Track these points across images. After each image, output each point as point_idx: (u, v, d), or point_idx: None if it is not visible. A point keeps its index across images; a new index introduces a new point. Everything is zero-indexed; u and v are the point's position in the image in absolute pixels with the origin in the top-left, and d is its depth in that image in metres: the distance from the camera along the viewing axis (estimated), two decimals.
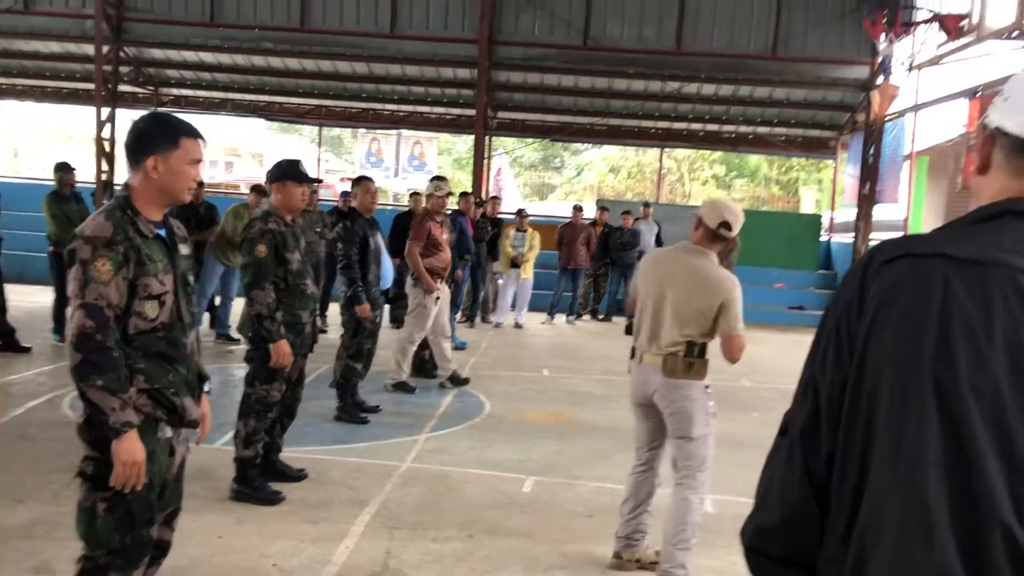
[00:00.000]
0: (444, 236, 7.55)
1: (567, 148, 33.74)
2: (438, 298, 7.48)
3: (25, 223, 13.27)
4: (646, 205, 14.13)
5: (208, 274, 9.39)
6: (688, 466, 3.73)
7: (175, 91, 17.27)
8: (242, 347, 8.81)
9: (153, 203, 2.64)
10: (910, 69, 12.04)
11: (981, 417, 1.02)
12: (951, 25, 10.66)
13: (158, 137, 2.62)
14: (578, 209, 13.53)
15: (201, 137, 2.70)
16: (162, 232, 2.67)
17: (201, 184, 9.95)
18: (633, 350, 3.88)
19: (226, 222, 9.30)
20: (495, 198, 13.70)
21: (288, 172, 4.76)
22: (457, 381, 7.75)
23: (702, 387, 3.71)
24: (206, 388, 2.81)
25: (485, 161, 15.50)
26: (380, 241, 6.55)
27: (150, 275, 2.57)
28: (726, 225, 3.67)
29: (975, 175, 1.29)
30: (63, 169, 8.93)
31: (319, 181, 6.15)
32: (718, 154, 27.98)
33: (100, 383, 2.45)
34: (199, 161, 2.69)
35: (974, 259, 1.09)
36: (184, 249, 2.75)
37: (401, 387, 7.49)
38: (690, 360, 3.67)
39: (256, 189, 9.81)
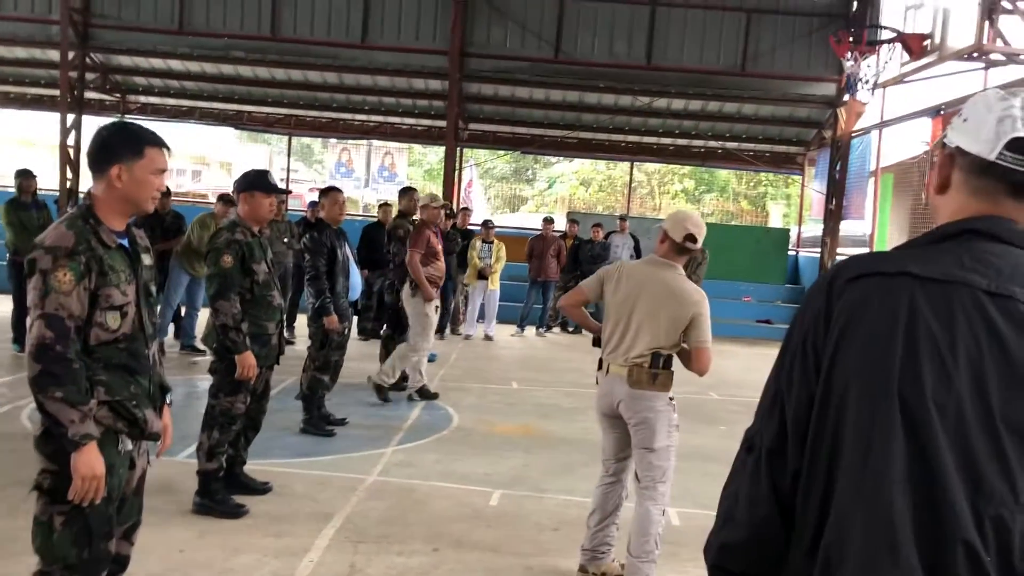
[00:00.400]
0: (440, 246, 7.60)
1: (538, 161, 33.84)
2: (437, 307, 7.54)
3: None
4: (622, 219, 14.18)
5: (174, 284, 9.28)
6: (649, 477, 3.74)
7: (142, 99, 17.07)
8: (207, 358, 8.74)
9: (116, 212, 2.61)
10: (875, 87, 12.22)
11: (945, 434, 1.03)
12: (914, 45, 10.84)
13: (122, 146, 2.59)
14: (548, 221, 13.56)
15: (166, 147, 2.68)
16: (124, 242, 2.64)
17: (168, 193, 9.85)
18: (600, 361, 3.89)
19: (192, 232, 9.17)
20: (465, 209, 13.70)
21: (256, 182, 4.73)
22: (426, 395, 7.72)
23: (666, 399, 3.73)
24: (168, 400, 2.77)
25: (456, 172, 15.49)
26: (348, 252, 6.51)
27: (112, 285, 2.53)
28: (691, 238, 3.71)
29: (935, 194, 1.31)
30: (23, 175, 8.76)
31: (287, 192, 6.11)
32: (688, 168, 28.19)
33: (59, 395, 2.41)
34: (164, 171, 2.66)
35: (938, 278, 1.11)
36: (147, 259, 2.72)
37: (380, 392, 7.50)
38: (655, 371, 3.68)
39: (223, 199, 9.61)
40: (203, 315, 9.78)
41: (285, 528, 4.38)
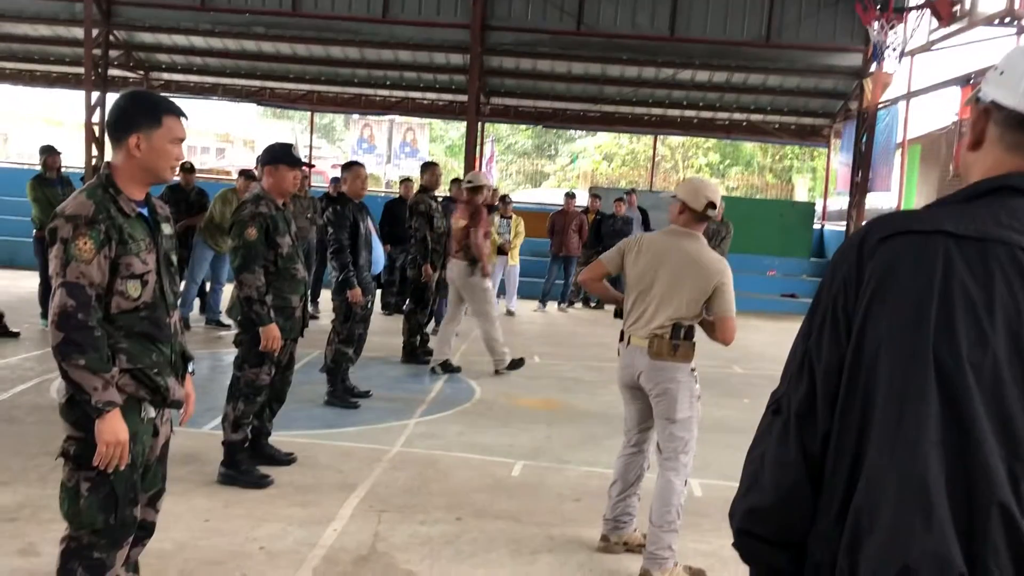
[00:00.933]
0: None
1: (560, 136, 33.70)
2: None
3: (14, 208, 13.21)
4: (629, 192, 14.05)
5: (198, 260, 9.36)
6: (671, 448, 3.72)
7: (165, 75, 17.16)
8: (232, 332, 8.82)
9: (135, 182, 2.62)
10: (902, 56, 12.01)
11: (981, 396, 1.00)
12: (943, 11, 10.64)
13: (140, 115, 2.59)
14: (570, 196, 13.49)
15: (184, 115, 2.68)
16: (144, 211, 2.65)
17: (192, 169, 9.93)
18: (622, 333, 3.88)
19: (214, 207, 9.24)
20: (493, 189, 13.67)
21: (281, 156, 4.74)
22: (449, 368, 7.74)
23: (688, 370, 3.70)
24: (190, 369, 2.79)
25: (477, 148, 15.45)
26: (371, 226, 6.52)
27: (132, 254, 2.54)
28: (712, 205, 3.68)
29: (967, 151, 1.26)
30: (48, 152, 8.85)
31: (311, 166, 6.12)
32: (712, 141, 27.98)
33: (82, 362, 2.43)
34: (182, 139, 2.67)
35: (974, 236, 1.07)
36: (167, 228, 2.73)
37: (514, 365, 7.92)
38: (676, 342, 3.66)
39: (244, 174, 9.72)
40: (228, 290, 9.91)
41: (310, 498, 4.42)
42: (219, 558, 3.65)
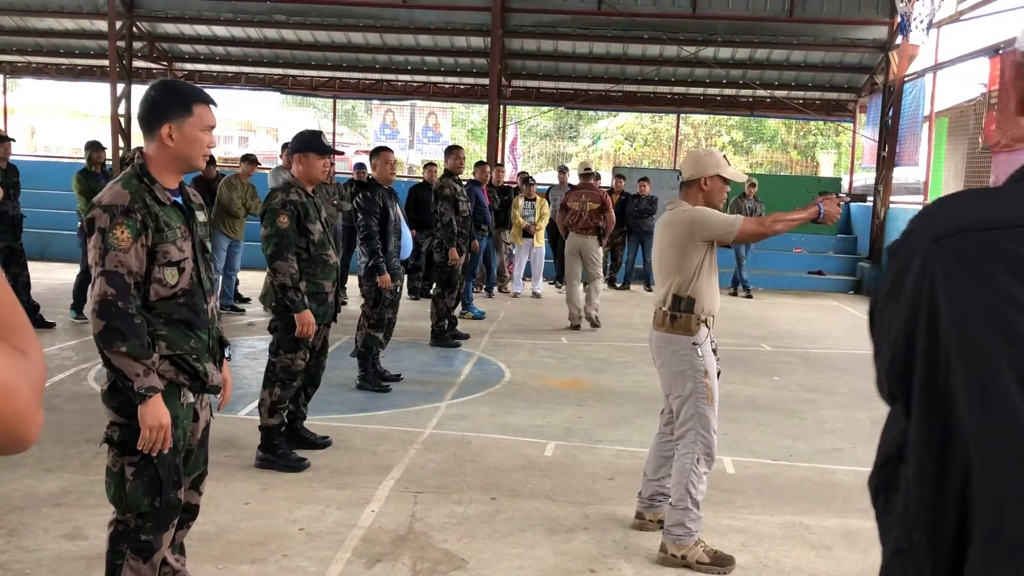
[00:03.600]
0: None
1: (582, 117, 33.49)
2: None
3: (45, 201, 13.36)
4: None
5: (215, 249, 9.53)
6: (680, 423, 3.71)
7: (189, 66, 17.26)
8: (264, 318, 8.94)
9: (169, 170, 2.66)
10: (929, 28, 11.82)
11: None
12: None
13: (171, 105, 2.63)
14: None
15: (213, 103, 2.71)
16: (179, 199, 2.68)
17: (212, 161, 10.10)
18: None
19: (221, 194, 9.51)
20: (499, 166, 13.65)
21: (310, 143, 4.77)
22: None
23: (688, 342, 3.65)
24: (227, 354, 2.83)
25: (499, 131, 15.42)
26: (400, 212, 6.55)
27: (169, 242, 2.58)
28: (720, 179, 3.73)
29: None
30: (93, 147, 9.13)
31: (340, 153, 6.16)
32: (735, 119, 27.73)
33: (124, 349, 2.48)
34: (212, 127, 2.70)
35: None
36: (201, 216, 2.77)
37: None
38: (673, 313, 3.66)
39: (247, 159, 10.19)
40: (242, 276, 10.08)
41: (346, 480, 4.48)
42: (260, 539, 3.71)
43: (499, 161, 14.26)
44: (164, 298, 2.60)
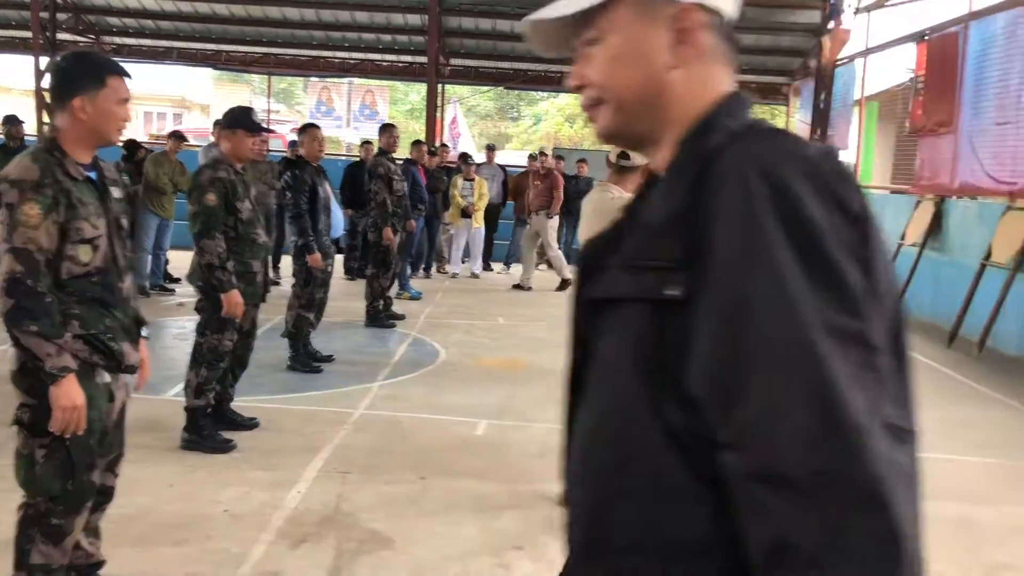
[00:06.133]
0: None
1: (523, 98, 33.50)
2: None
3: None
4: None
5: (144, 228, 9.31)
6: None
7: (118, 40, 16.74)
8: (176, 296, 8.80)
9: (82, 145, 2.58)
10: (858, 11, 12.07)
11: None
12: None
13: (83, 76, 2.55)
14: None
15: (127, 75, 2.63)
16: (92, 175, 2.61)
17: (136, 145, 9.97)
18: None
19: (148, 171, 9.30)
20: (444, 146, 13.57)
21: (239, 120, 4.71)
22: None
23: None
24: (144, 333, 2.77)
25: (438, 110, 15.32)
26: (329, 190, 6.47)
27: (82, 218, 2.51)
28: (623, 155, 3.76)
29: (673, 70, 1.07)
30: (11, 122, 8.90)
31: (270, 131, 6.06)
32: None
33: (34, 328, 2.41)
34: (127, 100, 2.62)
35: None
36: (116, 192, 2.69)
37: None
38: None
39: (174, 135, 10.10)
40: (172, 255, 9.89)
41: (273, 461, 4.43)
42: (183, 521, 3.66)
43: (439, 141, 14.18)
44: (77, 276, 2.54)
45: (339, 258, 10.21)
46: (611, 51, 1.06)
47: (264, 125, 4.95)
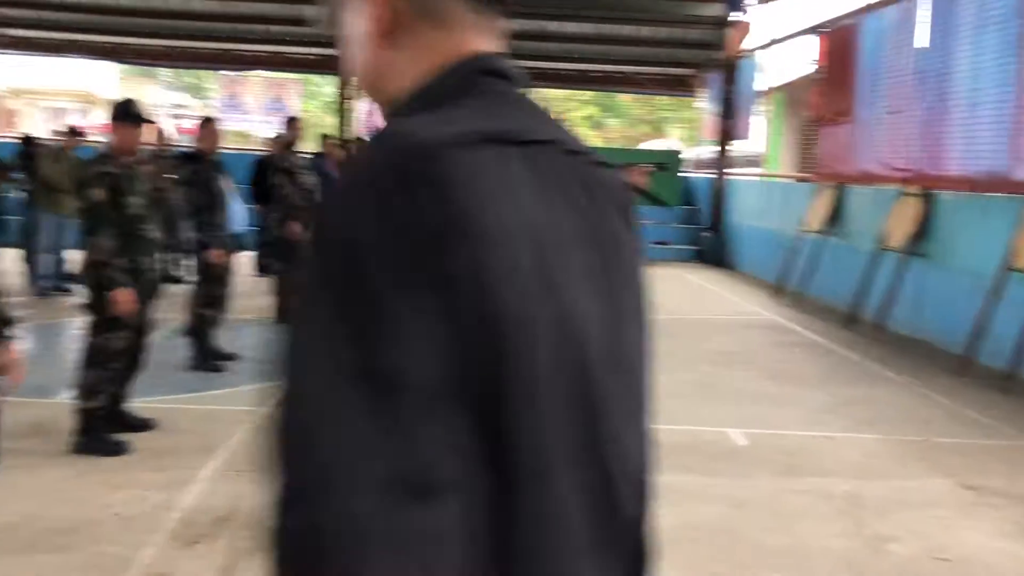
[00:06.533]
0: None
1: None
2: None
3: None
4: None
5: (40, 227, 8.99)
6: None
7: (17, 32, 16.10)
8: (78, 297, 8.49)
9: None
10: (760, 2, 12.39)
11: None
12: None
13: None
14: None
15: None
16: None
17: (29, 140, 9.67)
18: None
19: (44, 167, 8.95)
20: (358, 139, 13.46)
21: (123, 112, 4.60)
22: None
23: None
24: (7, 334, 2.69)
25: (350, 103, 15.18)
26: (226, 184, 6.37)
27: None
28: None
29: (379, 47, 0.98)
30: None
31: (152, 123, 5.91)
32: (590, 94, 28.24)
33: None
34: None
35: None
36: None
37: None
38: None
39: (71, 131, 9.84)
40: (71, 255, 9.57)
41: (168, 462, 4.35)
42: (70, 527, 3.57)
43: (356, 135, 14.04)
44: None
45: (250, 255, 10.03)
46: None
47: (150, 116, 4.84)
